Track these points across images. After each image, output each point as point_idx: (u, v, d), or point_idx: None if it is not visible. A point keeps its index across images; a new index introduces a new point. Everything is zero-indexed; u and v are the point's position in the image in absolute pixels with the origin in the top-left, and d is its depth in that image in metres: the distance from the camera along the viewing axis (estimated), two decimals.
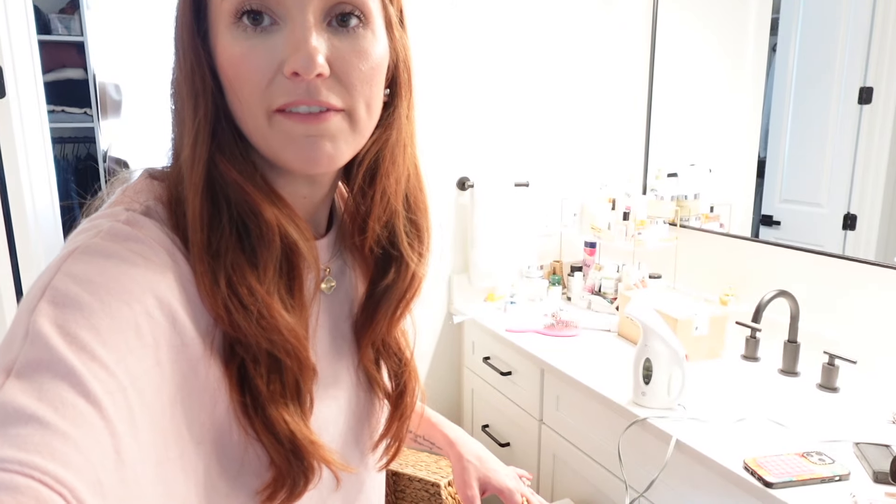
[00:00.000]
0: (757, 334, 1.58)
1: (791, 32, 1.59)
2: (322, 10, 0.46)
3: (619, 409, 1.36)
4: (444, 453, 0.89)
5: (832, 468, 1.08)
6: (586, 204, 2.02)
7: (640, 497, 1.32)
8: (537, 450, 1.74)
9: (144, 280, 0.42)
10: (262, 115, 0.47)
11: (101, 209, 0.49)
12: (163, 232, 0.46)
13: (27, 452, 0.31)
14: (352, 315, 0.61)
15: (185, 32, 0.47)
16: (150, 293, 0.42)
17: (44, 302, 0.38)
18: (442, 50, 1.98)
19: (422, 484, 1.90)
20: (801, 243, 1.60)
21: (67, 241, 0.45)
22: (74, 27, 3.15)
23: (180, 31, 0.48)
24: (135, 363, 0.39)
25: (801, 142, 1.59)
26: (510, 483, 0.87)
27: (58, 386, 0.34)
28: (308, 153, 0.47)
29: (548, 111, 2.19)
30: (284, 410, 0.48)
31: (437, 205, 2.06)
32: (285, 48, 0.45)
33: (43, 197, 1.77)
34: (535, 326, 1.88)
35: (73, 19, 3.15)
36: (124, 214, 0.46)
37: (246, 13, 0.45)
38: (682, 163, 1.96)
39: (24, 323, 0.37)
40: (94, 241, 0.43)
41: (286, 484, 0.49)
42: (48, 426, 0.33)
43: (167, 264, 0.44)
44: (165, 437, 0.41)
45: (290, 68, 0.45)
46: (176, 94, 0.49)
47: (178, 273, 0.45)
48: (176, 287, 0.44)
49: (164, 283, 0.43)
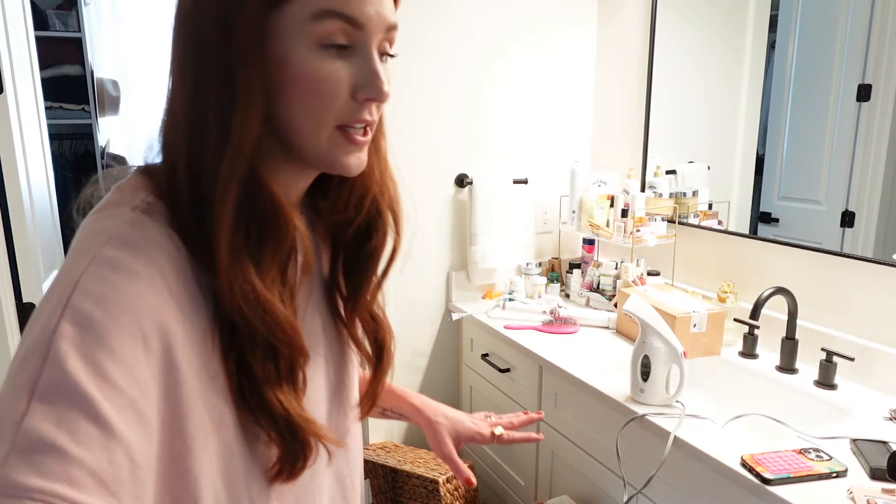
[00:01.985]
0: (755, 331, 1.59)
1: (790, 29, 1.59)
2: (379, 44, 0.54)
3: (618, 405, 1.37)
4: (414, 420, 0.94)
5: (829, 465, 1.08)
6: (585, 201, 2.02)
7: (639, 494, 1.33)
8: (536, 447, 1.74)
9: (150, 291, 0.46)
10: (326, 128, 0.53)
11: (101, 205, 0.52)
12: (164, 233, 0.49)
13: (50, 482, 0.37)
14: (324, 287, 0.66)
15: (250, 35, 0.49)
16: (156, 301, 0.46)
17: (64, 322, 0.42)
18: (441, 48, 1.98)
19: (420, 480, 1.90)
20: (799, 240, 1.60)
21: (79, 242, 0.49)
22: (72, 23, 3.14)
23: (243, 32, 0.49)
24: (144, 372, 0.44)
25: (799, 139, 1.59)
26: (479, 427, 0.93)
27: (74, 414, 0.39)
28: (355, 162, 0.55)
29: (547, 108, 2.18)
30: (279, 392, 0.52)
31: (436, 202, 2.06)
32: (360, 76, 0.52)
33: (41, 193, 1.76)
34: (534, 323, 1.88)
35: (71, 15, 3.13)
36: (129, 215, 0.49)
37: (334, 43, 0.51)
38: (680, 160, 1.96)
39: (45, 342, 0.41)
40: (106, 253, 0.46)
41: (288, 461, 0.54)
42: (66, 455, 0.38)
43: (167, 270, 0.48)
44: (183, 429, 0.47)
45: (365, 95, 0.53)
46: (205, 91, 0.50)
47: (177, 275, 0.48)
48: (176, 289, 0.48)
49: (166, 289, 0.47)
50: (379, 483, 1.98)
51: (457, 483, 1.82)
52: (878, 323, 1.44)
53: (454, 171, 2.08)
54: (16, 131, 1.53)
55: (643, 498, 1.33)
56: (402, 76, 1.94)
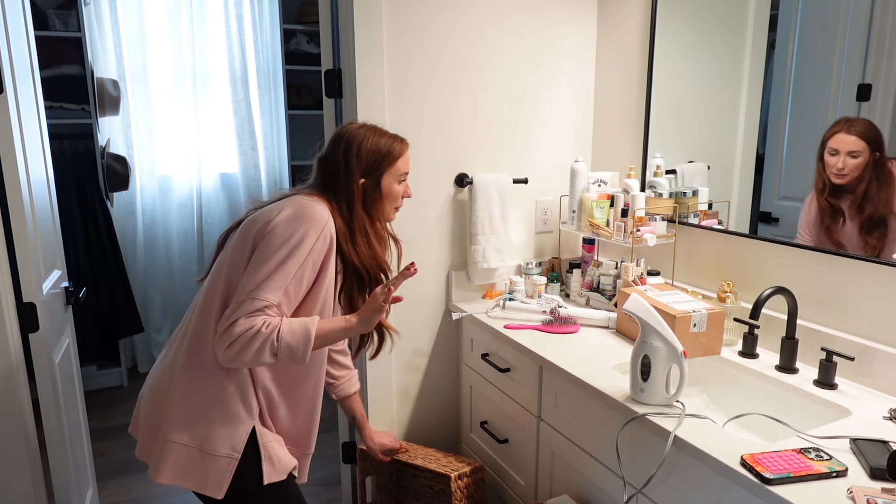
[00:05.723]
0: (755, 331, 1.59)
1: (790, 29, 1.59)
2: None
3: (618, 405, 1.37)
4: (360, 424, 1.78)
5: (829, 464, 1.08)
6: (585, 200, 2.02)
7: (638, 493, 1.33)
8: (535, 446, 1.74)
9: (326, 225, 1.28)
10: (392, 209, 1.45)
11: (293, 196, 1.33)
12: (328, 211, 1.31)
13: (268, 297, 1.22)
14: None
15: (373, 178, 1.40)
16: (328, 229, 1.28)
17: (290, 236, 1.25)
18: (442, 48, 1.98)
19: (428, 479, 1.90)
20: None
21: (286, 200, 1.31)
22: (72, 23, 3.14)
23: (377, 176, 1.40)
24: (318, 252, 1.27)
25: (799, 139, 1.59)
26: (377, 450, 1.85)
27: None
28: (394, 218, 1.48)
29: (547, 108, 2.18)
30: (361, 298, 1.39)
31: (436, 201, 2.06)
32: (406, 190, 1.46)
33: (41, 193, 1.76)
34: (534, 323, 1.88)
35: (71, 15, 3.13)
36: (315, 198, 1.33)
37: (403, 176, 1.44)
38: (680, 159, 1.96)
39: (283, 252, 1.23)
40: (308, 202, 1.30)
41: (369, 341, 1.48)
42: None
43: (331, 224, 1.29)
44: (321, 278, 1.29)
45: (406, 195, 1.47)
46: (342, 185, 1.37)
47: (332, 232, 1.29)
48: (330, 238, 1.28)
49: (331, 224, 1.29)
50: (383, 481, 1.98)
51: (468, 481, 1.81)
52: (878, 323, 1.44)
53: (454, 171, 2.08)
54: (16, 131, 1.53)
55: (643, 498, 1.33)
56: (403, 76, 1.94)
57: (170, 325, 3.79)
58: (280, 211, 1.25)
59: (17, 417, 1.56)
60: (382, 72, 1.90)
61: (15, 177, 1.52)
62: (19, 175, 1.53)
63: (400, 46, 1.93)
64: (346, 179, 1.35)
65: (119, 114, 3.41)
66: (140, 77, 3.49)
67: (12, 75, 1.55)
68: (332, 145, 1.39)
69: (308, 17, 3.82)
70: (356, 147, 1.36)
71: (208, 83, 3.67)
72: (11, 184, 1.52)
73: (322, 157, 1.41)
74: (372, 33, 1.87)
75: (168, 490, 2.53)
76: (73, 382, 2.00)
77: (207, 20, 3.61)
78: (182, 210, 3.75)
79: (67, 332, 1.98)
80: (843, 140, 1.45)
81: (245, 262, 1.24)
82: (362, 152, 1.36)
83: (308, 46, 3.88)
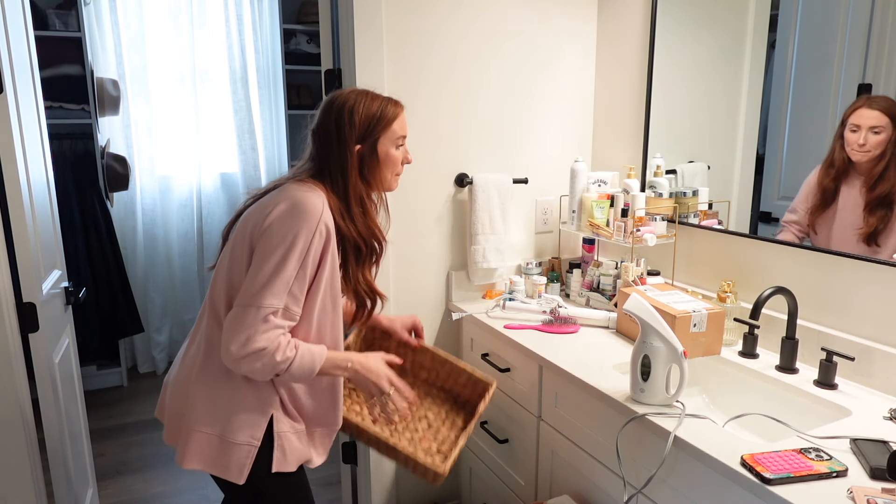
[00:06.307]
0: (755, 331, 1.59)
1: (790, 29, 1.59)
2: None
3: (618, 405, 1.37)
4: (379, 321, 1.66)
5: (829, 464, 1.08)
6: (585, 200, 2.02)
7: (638, 493, 1.33)
8: (535, 446, 1.74)
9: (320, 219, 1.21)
10: (393, 175, 1.38)
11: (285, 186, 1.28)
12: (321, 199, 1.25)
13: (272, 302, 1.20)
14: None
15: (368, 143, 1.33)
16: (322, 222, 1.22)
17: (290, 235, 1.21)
18: (441, 48, 1.98)
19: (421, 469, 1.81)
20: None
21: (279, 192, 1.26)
22: (72, 23, 3.14)
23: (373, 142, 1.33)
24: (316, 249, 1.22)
25: (799, 139, 1.59)
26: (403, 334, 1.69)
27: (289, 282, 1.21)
28: (395, 187, 1.41)
29: (547, 108, 2.18)
30: (360, 272, 1.36)
31: (436, 201, 2.06)
32: (405, 155, 1.39)
33: (41, 193, 1.76)
34: (534, 323, 1.88)
35: (71, 15, 3.13)
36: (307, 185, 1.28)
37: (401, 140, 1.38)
38: (680, 159, 1.96)
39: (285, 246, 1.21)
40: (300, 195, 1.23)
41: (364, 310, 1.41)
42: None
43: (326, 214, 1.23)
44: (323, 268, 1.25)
45: (406, 161, 1.40)
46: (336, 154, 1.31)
47: (327, 224, 1.23)
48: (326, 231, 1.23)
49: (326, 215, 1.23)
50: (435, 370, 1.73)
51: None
52: (877, 323, 1.44)
53: (454, 171, 2.08)
54: (16, 131, 1.53)
55: (643, 498, 1.33)
56: (403, 76, 1.94)
57: (170, 325, 3.79)
58: (275, 206, 1.22)
59: (17, 417, 1.56)
60: (382, 72, 1.90)
61: (15, 177, 1.52)
62: (19, 175, 1.53)
63: (400, 47, 1.93)
64: (339, 148, 1.29)
65: (119, 114, 3.41)
66: (140, 77, 3.49)
67: (12, 75, 1.55)
68: (323, 114, 1.32)
69: (308, 17, 3.82)
70: (348, 113, 1.29)
71: (208, 83, 3.66)
72: (11, 184, 1.52)
73: (314, 129, 1.33)
74: (372, 33, 1.87)
75: (168, 490, 2.53)
76: (72, 382, 2.00)
77: (207, 20, 3.61)
78: (182, 210, 3.75)
79: (67, 332, 1.98)
80: (865, 115, 1.43)
81: (246, 262, 1.24)
82: (355, 118, 1.29)
83: (308, 46, 3.88)
